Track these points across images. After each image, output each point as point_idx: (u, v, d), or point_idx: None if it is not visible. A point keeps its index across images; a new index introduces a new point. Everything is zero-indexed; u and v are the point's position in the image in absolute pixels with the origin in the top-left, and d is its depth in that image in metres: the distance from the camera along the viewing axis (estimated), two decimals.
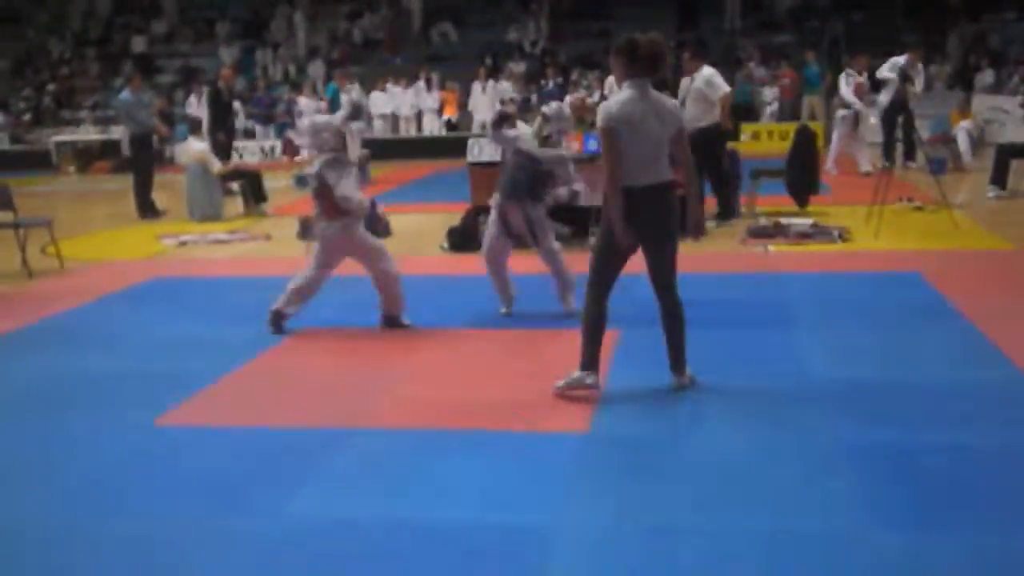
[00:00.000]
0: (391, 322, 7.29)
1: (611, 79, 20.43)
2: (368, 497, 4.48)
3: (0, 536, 4.25)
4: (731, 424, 5.17)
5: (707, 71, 11.26)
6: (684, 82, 11.44)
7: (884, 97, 15.36)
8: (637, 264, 5.74)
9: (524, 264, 9.61)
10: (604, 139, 5.42)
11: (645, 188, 5.42)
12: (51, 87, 28.27)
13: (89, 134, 25.29)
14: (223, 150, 15.73)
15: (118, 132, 22.75)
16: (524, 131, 11.13)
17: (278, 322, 7.17)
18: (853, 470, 4.52)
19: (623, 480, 4.55)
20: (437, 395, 5.88)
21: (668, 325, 5.77)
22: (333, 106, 19.51)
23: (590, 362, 5.63)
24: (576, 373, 5.64)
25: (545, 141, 7.51)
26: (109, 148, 23.97)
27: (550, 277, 7.51)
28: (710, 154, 10.86)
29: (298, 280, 7.20)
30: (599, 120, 5.44)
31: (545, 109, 7.72)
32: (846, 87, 15.65)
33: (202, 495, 4.57)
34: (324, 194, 6.99)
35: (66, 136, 25.19)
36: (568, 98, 11.75)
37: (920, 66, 15.46)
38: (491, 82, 22.94)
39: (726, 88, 11.45)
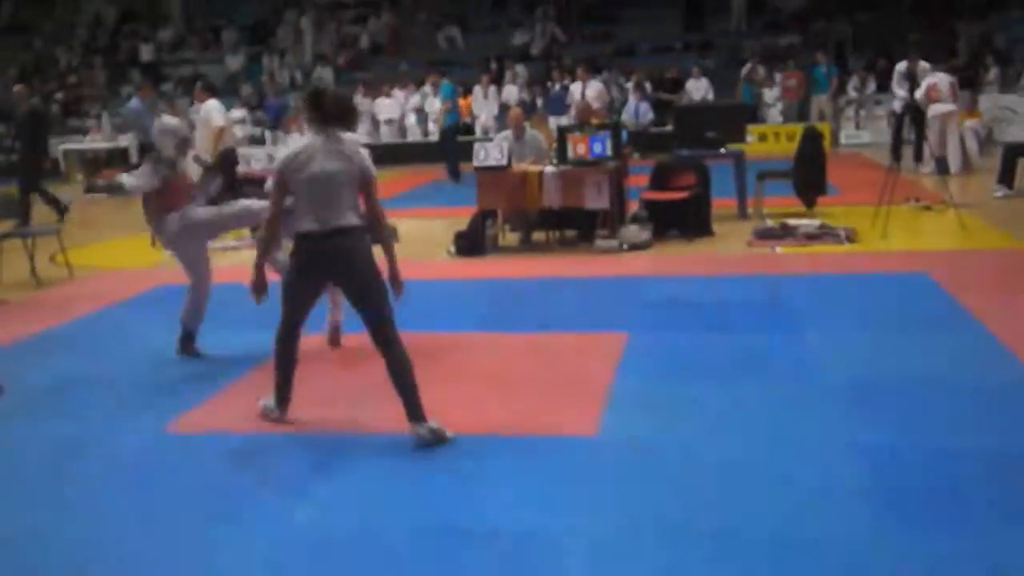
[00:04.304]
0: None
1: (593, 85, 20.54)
2: (377, 504, 4.48)
3: (11, 541, 4.27)
4: (739, 427, 5.16)
5: (210, 103, 12.43)
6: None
7: (896, 101, 15.68)
8: (643, 267, 5.77)
9: (521, 268, 9.63)
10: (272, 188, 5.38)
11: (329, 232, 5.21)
12: (59, 96, 28.33)
13: (97, 142, 25.33)
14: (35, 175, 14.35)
15: (125, 140, 22.78)
16: (532, 137, 11.20)
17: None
18: (861, 474, 4.51)
19: (632, 484, 4.55)
20: (444, 400, 5.86)
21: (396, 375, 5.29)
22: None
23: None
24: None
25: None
26: (117, 156, 24.00)
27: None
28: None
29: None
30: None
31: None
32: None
33: (211, 501, 4.59)
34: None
35: (74, 144, 25.23)
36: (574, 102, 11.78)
37: (925, 66, 15.51)
38: (492, 87, 22.94)
39: (219, 122, 12.33)
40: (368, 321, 5.26)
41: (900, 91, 15.60)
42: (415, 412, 5.16)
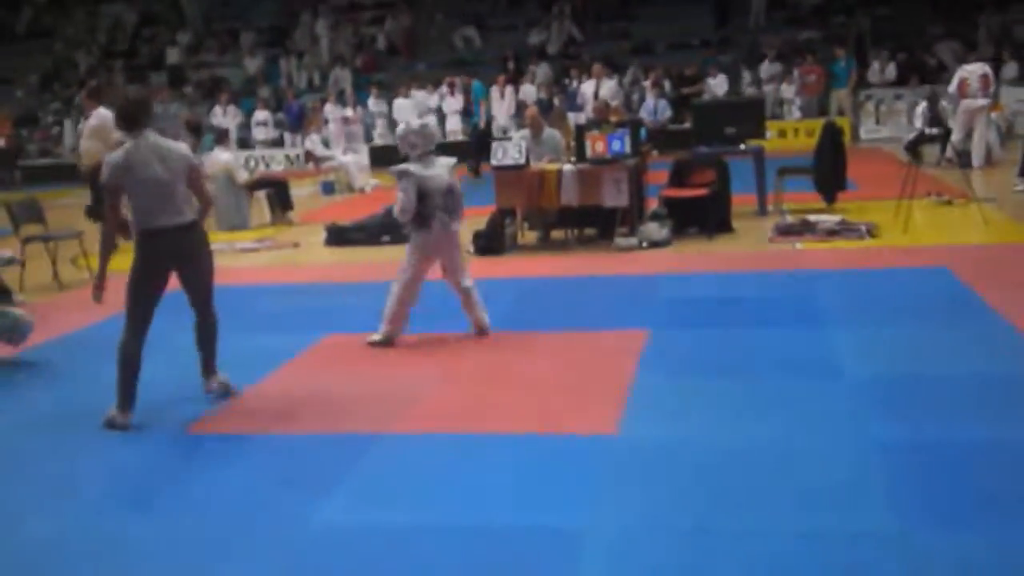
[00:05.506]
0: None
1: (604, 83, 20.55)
2: (397, 502, 4.49)
3: (36, 542, 4.30)
4: (760, 423, 5.14)
5: (102, 112, 11.55)
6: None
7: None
8: (663, 264, 5.71)
9: (541, 267, 9.63)
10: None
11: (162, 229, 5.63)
12: (79, 100, 28.49)
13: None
14: None
15: None
16: (549, 136, 11.19)
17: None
18: (883, 467, 4.48)
19: (652, 482, 4.54)
20: (464, 400, 5.89)
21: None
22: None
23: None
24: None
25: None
26: None
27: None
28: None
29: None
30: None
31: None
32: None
33: (232, 502, 4.60)
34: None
35: None
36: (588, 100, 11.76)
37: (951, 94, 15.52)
38: (509, 87, 22.93)
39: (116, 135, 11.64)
40: (200, 295, 5.93)
41: (918, 123, 15.78)
42: (211, 368, 6.09)
